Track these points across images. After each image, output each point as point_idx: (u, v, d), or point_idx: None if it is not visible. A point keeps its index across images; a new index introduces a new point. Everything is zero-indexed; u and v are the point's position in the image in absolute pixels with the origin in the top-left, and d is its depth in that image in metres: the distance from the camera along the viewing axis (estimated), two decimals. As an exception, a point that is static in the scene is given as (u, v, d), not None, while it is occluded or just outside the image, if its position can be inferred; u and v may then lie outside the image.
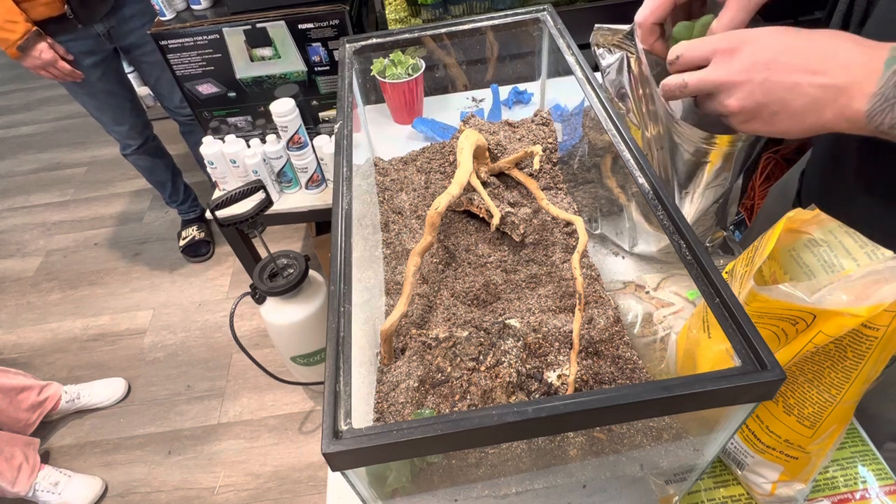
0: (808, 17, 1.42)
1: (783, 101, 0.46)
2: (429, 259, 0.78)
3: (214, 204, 1.11)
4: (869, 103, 0.42)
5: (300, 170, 1.42)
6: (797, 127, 0.47)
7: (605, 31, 0.72)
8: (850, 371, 0.48)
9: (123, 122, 1.91)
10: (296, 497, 1.57)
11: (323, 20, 1.36)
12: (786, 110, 0.47)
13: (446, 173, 0.91)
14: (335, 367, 0.44)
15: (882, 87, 0.41)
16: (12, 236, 2.55)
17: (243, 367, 1.88)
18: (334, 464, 0.39)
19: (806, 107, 0.45)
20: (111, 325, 2.10)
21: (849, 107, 0.43)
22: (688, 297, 0.69)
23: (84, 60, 1.69)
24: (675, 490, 0.59)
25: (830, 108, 0.44)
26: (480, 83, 1.25)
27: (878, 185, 0.60)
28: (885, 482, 0.63)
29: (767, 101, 0.47)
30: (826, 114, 0.45)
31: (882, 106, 0.41)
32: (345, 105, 0.73)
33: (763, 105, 0.47)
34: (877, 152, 0.57)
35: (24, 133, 3.21)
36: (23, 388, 1.65)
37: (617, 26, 0.71)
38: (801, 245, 0.52)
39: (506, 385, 0.55)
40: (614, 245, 0.84)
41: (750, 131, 0.51)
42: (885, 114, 0.42)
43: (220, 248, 2.32)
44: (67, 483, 1.58)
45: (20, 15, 1.48)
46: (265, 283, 1.24)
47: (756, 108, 0.48)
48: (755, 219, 0.98)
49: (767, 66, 0.46)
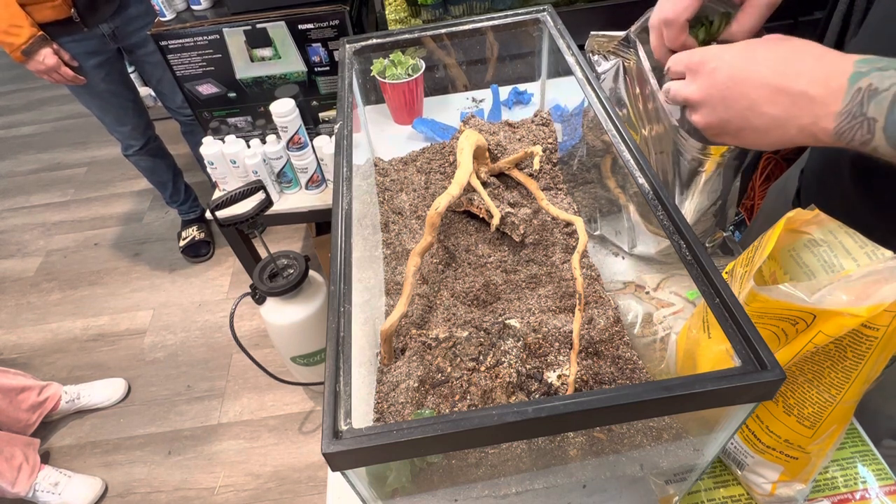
0: (808, 17, 1.42)
1: (744, 118, 0.47)
2: (429, 259, 0.78)
3: (214, 204, 1.11)
4: (835, 121, 0.41)
5: (300, 170, 1.42)
6: (764, 141, 0.47)
7: (600, 38, 0.72)
8: (850, 371, 0.48)
9: (126, 122, 1.90)
10: (296, 497, 1.56)
11: (323, 20, 1.36)
12: (749, 126, 0.47)
13: (446, 173, 0.91)
14: (335, 367, 0.44)
15: (847, 105, 0.40)
16: (12, 236, 2.55)
17: (243, 368, 1.88)
18: (334, 464, 0.39)
19: (767, 124, 0.45)
20: (111, 325, 2.10)
21: (815, 125, 0.43)
22: (688, 298, 0.70)
23: (88, 61, 1.68)
24: (675, 490, 0.59)
25: (793, 124, 0.44)
26: (480, 83, 1.25)
27: (875, 183, 0.60)
28: (885, 482, 0.63)
29: (729, 118, 0.48)
30: (790, 130, 0.44)
31: (850, 124, 0.41)
32: (345, 105, 0.74)
33: (726, 121, 0.48)
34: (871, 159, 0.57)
35: (25, 133, 3.21)
36: (23, 389, 1.65)
37: (612, 33, 0.71)
38: (801, 245, 0.52)
39: (506, 385, 0.55)
40: (614, 245, 0.84)
41: (722, 143, 0.52)
42: (854, 131, 0.41)
43: (220, 248, 2.32)
44: (67, 483, 1.58)
45: (25, 19, 1.48)
46: (265, 283, 1.24)
47: (720, 124, 0.49)
48: (755, 219, 0.98)
49: (726, 86, 0.47)
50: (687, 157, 0.64)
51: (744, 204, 1.58)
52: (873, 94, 0.39)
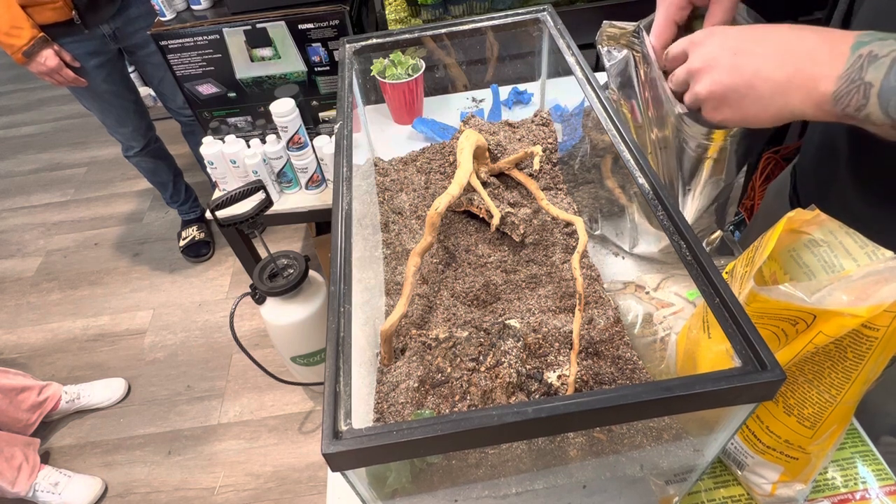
0: (808, 17, 1.42)
1: (750, 84, 0.47)
2: (429, 259, 0.78)
3: (214, 204, 1.11)
4: (835, 84, 0.42)
5: (300, 170, 1.42)
6: (765, 113, 0.48)
7: (612, 28, 0.72)
8: (850, 371, 0.48)
9: (127, 123, 1.90)
10: (296, 497, 1.56)
11: (323, 20, 1.36)
12: (753, 93, 0.47)
13: (446, 173, 0.91)
14: (335, 367, 0.44)
15: (848, 69, 0.42)
16: (12, 236, 2.55)
17: (243, 367, 1.88)
18: (334, 464, 0.39)
19: (772, 91, 0.46)
20: (111, 325, 2.10)
21: (815, 90, 0.43)
22: (688, 298, 0.69)
23: (89, 62, 1.68)
24: (675, 490, 0.59)
25: (796, 92, 0.45)
26: (480, 83, 1.25)
27: (868, 173, 0.61)
28: (885, 482, 0.63)
29: (734, 84, 0.48)
30: (793, 98, 0.45)
31: (848, 87, 0.42)
32: (345, 105, 0.73)
33: (730, 88, 0.48)
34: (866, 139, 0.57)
35: (25, 133, 3.21)
36: (23, 389, 1.65)
37: (624, 24, 0.71)
38: (801, 245, 0.52)
39: (506, 385, 0.55)
40: (614, 245, 0.84)
41: (721, 120, 0.52)
42: (852, 95, 0.42)
43: (220, 248, 2.32)
44: (67, 483, 1.58)
45: (27, 21, 1.48)
46: (265, 283, 1.24)
47: (724, 92, 0.49)
48: (754, 218, 0.98)
49: (734, 52, 0.48)
50: (691, 144, 0.65)
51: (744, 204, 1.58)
52: (873, 59, 0.40)
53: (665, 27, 0.62)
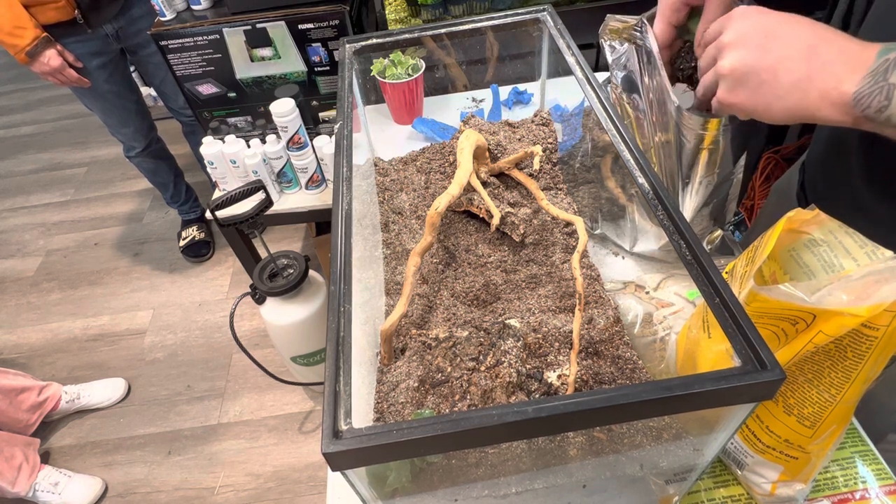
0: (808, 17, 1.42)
1: (773, 70, 0.47)
2: (429, 259, 0.78)
3: (214, 204, 1.11)
4: (858, 85, 0.42)
5: (300, 170, 1.42)
6: (780, 104, 0.47)
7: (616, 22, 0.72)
8: (850, 371, 0.48)
9: (129, 124, 1.90)
10: (296, 497, 1.56)
11: (323, 20, 1.36)
12: (774, 81, 0.47)
13: (446, 173, 0.91)
14: (335, 367, 0.44)
15: (873, 70, 0.42)
16: (12, 236, 2.55)
17: (243, 367, 1.88)
18: (334, 464, 0.39)
19: (793, 83, 0.46)
20: (111, 325, 2.10)
21: (836, 89, 0.43)
22: (688, 297, 0.69)
23: (91, 62, 1.68)
24: (675, 490, 0.59)
25: (817, 87, 0.44)
26: (480, 83, 1.25)
27: (879, 171, 0.60)
28: (885, 482, 0.63)
29: (757, 67, 0.48)
30: (812, 93, 0.45)
31: (871, 88, 0.42)
32: (345, 105, 0.74)
33: (752, 70, 0.48)
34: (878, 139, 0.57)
35: (25, 133, 3.21)
36: (23, 389, 1.65)
37: (627, 18, 0.71)
38: (801, 245, 0.52)
39: (506, 385, 0.55)
40: (614, 245, 0.84)
41: (733, 103, 0.51)
42: (874, 96, 0.42)
43: (220, 248, 2.32)
44: (67, 483, 1.58)
45: (30, 21, 1.48)
46: (265, 283, 1.24)
47: (746, 72, 0.49)
48: (756, 218, 0.98)
49: (766, 34, 0.48)
50: (689, 136, 0.65)
51: (744, 204, 1.58)
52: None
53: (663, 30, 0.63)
